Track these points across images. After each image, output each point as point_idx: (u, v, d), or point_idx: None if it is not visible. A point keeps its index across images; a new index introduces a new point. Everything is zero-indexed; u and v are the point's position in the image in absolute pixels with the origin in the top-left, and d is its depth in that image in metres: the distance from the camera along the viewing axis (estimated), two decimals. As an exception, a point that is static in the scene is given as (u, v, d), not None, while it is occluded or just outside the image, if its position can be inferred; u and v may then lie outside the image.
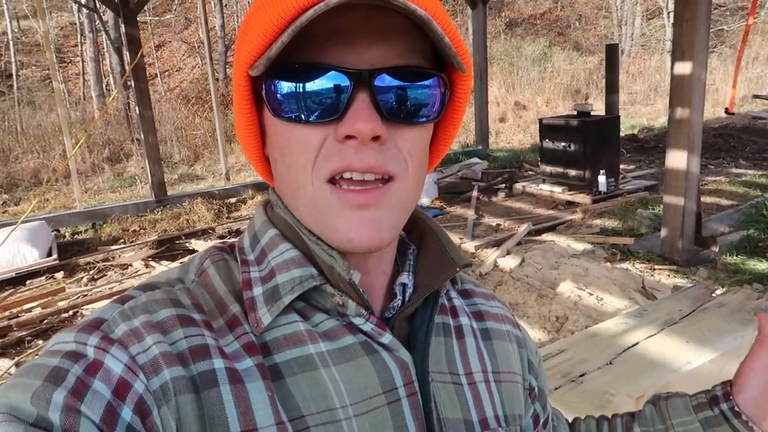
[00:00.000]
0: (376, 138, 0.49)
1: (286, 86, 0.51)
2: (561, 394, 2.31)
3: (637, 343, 2.66)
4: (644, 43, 22.53)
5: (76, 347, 0.47)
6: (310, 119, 0.50)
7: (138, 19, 7.45)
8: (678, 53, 4.44)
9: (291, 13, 0.46)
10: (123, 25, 7.11)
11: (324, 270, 0.55)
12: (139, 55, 6.53)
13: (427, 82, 0.53)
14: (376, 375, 0.54)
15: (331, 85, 0.49)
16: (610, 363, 2.53)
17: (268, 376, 0.50)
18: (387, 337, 0.56)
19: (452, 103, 0.58)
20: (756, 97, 13.97)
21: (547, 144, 7.60)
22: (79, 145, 6.45)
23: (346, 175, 0.50)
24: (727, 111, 6.54)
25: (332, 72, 0.49)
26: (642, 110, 15.86)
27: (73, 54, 20.48)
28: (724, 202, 6.65)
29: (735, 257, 4.88)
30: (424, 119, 0.54)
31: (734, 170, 8.53)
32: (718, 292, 3.29)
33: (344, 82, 0.49)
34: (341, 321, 0.56)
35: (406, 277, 0.62)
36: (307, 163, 0.51)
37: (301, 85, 0.50)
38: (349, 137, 0.49)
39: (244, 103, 0.55)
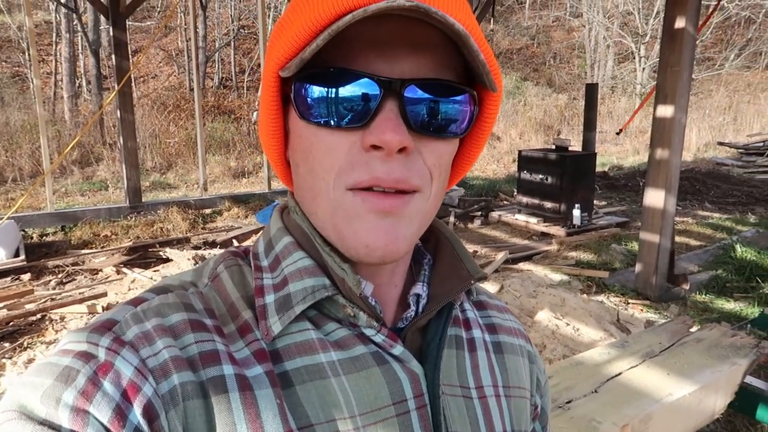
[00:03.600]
0: (402, 149, 0.49)
1: (315, 90, 0.50)
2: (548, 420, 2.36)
3: (620, 373, 2.73)
4: (614, 85, 23.32)
5: (88, 347, 0.47)
6: (337, 124, 0.50)
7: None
8: (661, 97, 4.64)
9: (328, 18, 0.46)
10: (111, 29, 7.03)
11: (336, 281, 0.55)
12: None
13: (457, 98, 0.52)
14: (386, 386, 0.53)
15: (360, 92, 0.49)
16: (596, 391, 2.58)
17: (277, 383, 0.50)
18: (398, 349, 0.56)
19: (480, 121, 0.58)
20: (720, 144, 14.57)
21: (525, 175, 7.77)
22: (74, 142, 6.30)
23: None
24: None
25: (363, 79, 0.48)
26: (611, 149, 16.37)
27: (46, 53, 20.07)
28: (693, 242, 6.90)
29: (704, 296, 5.06)
30: (451, 134, 0.53)
31: (700, 212, 8.86)
32: (694, 328, 3.41)
33: (374, 89, 0.49)
34: (353, 331, 0.55)
35: (420, 288, 0.62)
36: (331, 169, 0.51)
37: (331, 89, 0.49)
38: (375, 147, 0.49)
39: (272, 103, 0.54)
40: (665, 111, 4.63)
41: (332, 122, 0.50)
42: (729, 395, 2.86)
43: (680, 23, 4.46)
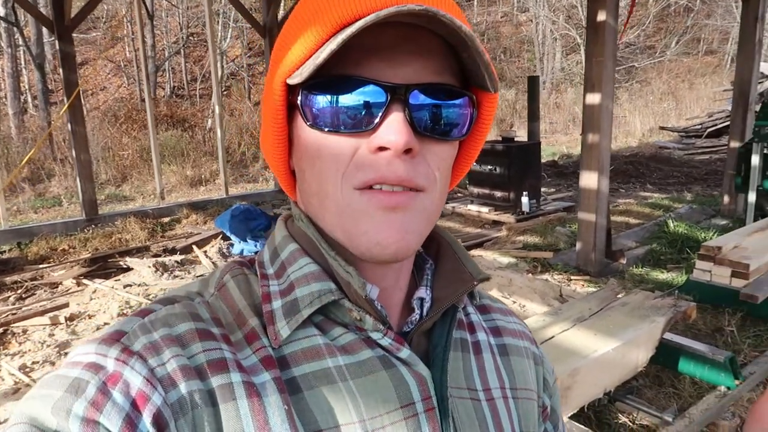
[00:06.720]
0: (408, 151, 0.50)
1: (322, 97, 0.51)
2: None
3: (552, 337, 3.02)
4: (563, 77, 24.04)
5: (97, 359, 0.48)
6: (345, 130, 0.51)
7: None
8: (589, 86, 4.97)
9: (338, 24, 0.48)
10: (57, 42, 7.04)
11: (342, 285, 0.56)
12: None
13: (458, 101, 0.54)
14: (393, 389, 0.54)
15: (367, 98, 0.50)
16: (530, 354, 2.86)
17: (285, 389, 0.51)
18: (405, 352, 0.56)
19: (478, 122, 0.59)
20: (662, 128, 15.24)
21: (475, 167, 8.07)
22: (26, 160, 6.28)
23: (376, 186, 0.51)
24: None
25: (370, 85, 0.50)
26: (561, 139, 16.91)
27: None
28: (633, 221, 7.32)
29: (641, 269, 5.43)
30: (453, 136, 0.55)
31: (642, 193, 9.36)
32: (621, 294, 3.74)
33: (380, 95, 0.50)
34: (359, 335, 0.56)
35: (423, 292, 0.62)
36: (338, 172, 0.52)
37: (338, 96, 0.51)
38: (381, 149, 0.50)
39: (278, 112, 0.55)
40: (593, 99, 4.97)
41: (342, 128, 0.52)
42: (650, 350, 3.17)
43: (601, 17, 4.80)
